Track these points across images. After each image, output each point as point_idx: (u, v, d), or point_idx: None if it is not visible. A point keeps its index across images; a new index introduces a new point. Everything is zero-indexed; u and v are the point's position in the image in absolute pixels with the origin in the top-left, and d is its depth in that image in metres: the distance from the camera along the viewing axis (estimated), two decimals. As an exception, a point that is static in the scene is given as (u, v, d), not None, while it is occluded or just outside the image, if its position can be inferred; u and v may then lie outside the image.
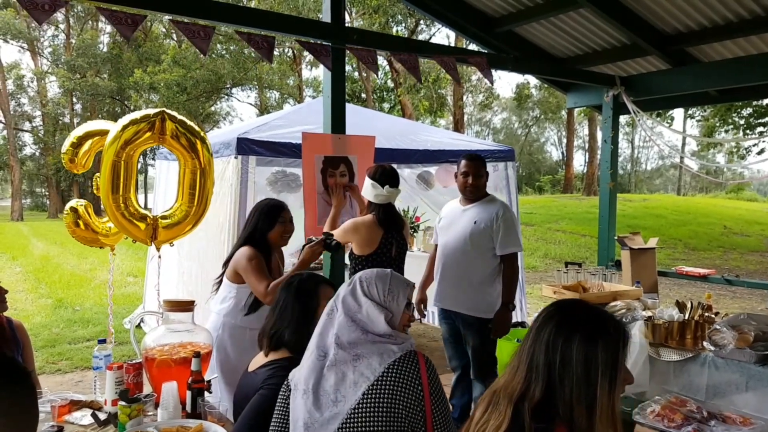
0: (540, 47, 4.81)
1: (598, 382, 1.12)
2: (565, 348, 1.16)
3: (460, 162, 3.13)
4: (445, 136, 5.63)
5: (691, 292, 8.61)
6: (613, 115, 4.75)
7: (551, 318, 1.21)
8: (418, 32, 19.67)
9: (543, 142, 43.48)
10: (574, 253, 12.93)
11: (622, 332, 1.20)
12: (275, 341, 1.92)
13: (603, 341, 1.15)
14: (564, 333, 1.17)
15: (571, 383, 1.13)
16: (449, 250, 3.14)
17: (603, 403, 1.12)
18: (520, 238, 3.26)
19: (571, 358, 1.14)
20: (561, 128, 37.04)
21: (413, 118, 19.52)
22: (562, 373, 1.15)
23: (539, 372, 1.17)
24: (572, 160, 29.33)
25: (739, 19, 3.84)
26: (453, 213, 3.23)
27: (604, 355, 1.14)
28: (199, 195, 3.14)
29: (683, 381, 2.80)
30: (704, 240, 13.96)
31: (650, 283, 4.15)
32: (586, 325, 1.18)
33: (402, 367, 1.50)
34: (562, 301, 1.28)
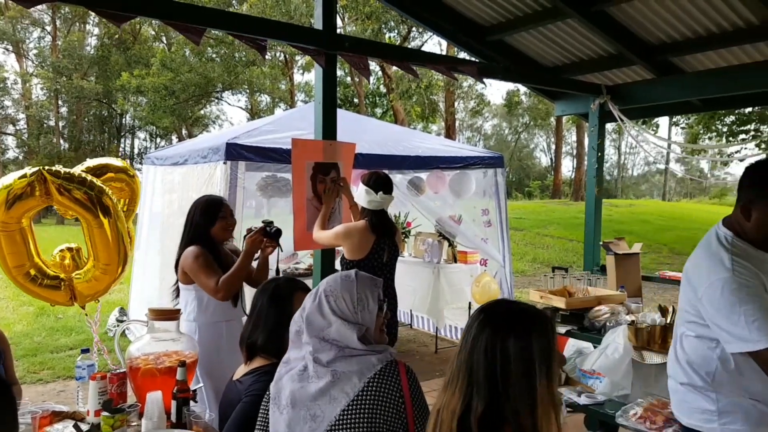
0: (529, 56, 4.89)
1: (537, 376, 1.15)
2: (503, 350, 1.17)
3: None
4: (437, 143, 5.70)
5: (675, 296, 8.74)
6: (599, 123, 4.83)
7: (485, 325, 1.22)
8: (411, 39, 19.79)
9: (532, 148, 43.84)
10: (561, 258, 13.07)
11: (549, 321, 1.24)
12: (254, 349, 1.92)
13: (535, 334, 1.19)
14: (500, 335, 1.18)
15: (514, 383, 1.15)
16: None
17: (543, 394, 1.15)
18: None
19: (509, 358, 1.16)
20: (550, 135, 37.38)
21: (405, 123, 19.61)
22: (504, 375, 1.16)
23: (480, 382, 1.17)
24: (560, 166, 29.63)
25: (721, 30, 3.94)
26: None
27: (538, 348, 1.17)
28: (114, 246, 3.06)
29: (665, 383, 2.86)
30: (689, 245, 14.14)
31: (634, 287, 4.22)
32: (517, 323, 1.21)
33: (382, 380, 1.48)
34: (487, 306, 1.28)
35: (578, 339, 3.46)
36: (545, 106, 29.74)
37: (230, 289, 2.52)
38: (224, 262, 2.61)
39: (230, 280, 2.50)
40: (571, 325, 3.46)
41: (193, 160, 4.42)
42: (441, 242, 5.56)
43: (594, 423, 2.97)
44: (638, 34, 4.22)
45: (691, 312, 1.86)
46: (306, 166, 3.18)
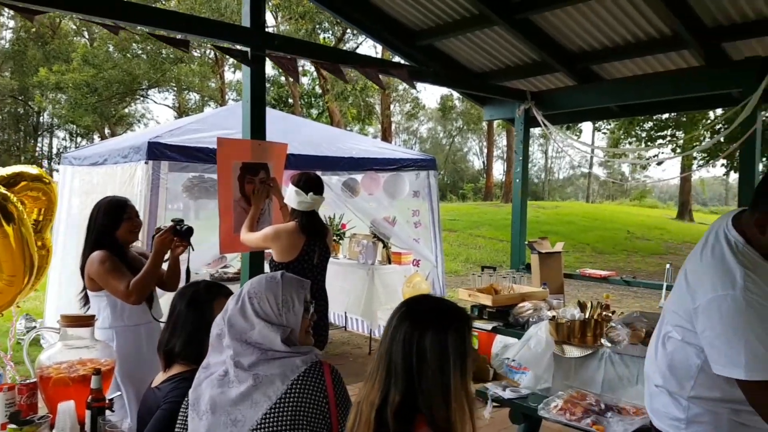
0: (458, 62, 5.01)
1: (451, 371, 1.20)
2: (420, 343, 1.21)
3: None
4: (370, 145, 5.74)
5: (597, 293, 9.21)
6: (525, 128, 5.01)
7: (405, 318, 1.26)
8: (346, 40, 19.80)
9: (466, 151, 44.90)
10: (492, 258, 13.46)
11: (467, 318, 1.29)
12: (172, 356, 1.86)
13: (452, 330, 1.23)
14: (418, 329, 1.23)
15: (428, 376, 1.19)
16: None
17: (457, 389, 1.19)
18: None
19: (425, 351, 1.20)
20: (482, 139, 38.42)
21: (341, 125, 19.57)
22: (419, 368, 1.20)
23: (398, 373, 1.21)
24: (492, 169, 30.51)
25: (636, 40, 4.18)
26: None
27: (454, 344, 1.22)
28: (19, 256, 2.91)
29: (583, 376, 3.01)
30: (610, 244, 14.95)
31: (557, 284, 4.41)
32: (436, 318, 1.25)
33: (306, 382, 1.47)
34: (411, 300, 1.33)
35: (504, 335, 3.58)
36: (477, 111, 30.55)
37: (142, 291, 2.44)
38: (132, 266, 2.51)
39: (141, 282, 2.41)
40: (498, 322, 3.57)
41: (113, 159, 4.22)
42: (375, 244, 5.59)
43: (518, 416, 3.07)
44: (560, 43, 4.42)
45: (683, 316, 1.71)
46: (233, 166, 3.10)
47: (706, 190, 35.22)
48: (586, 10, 3.89)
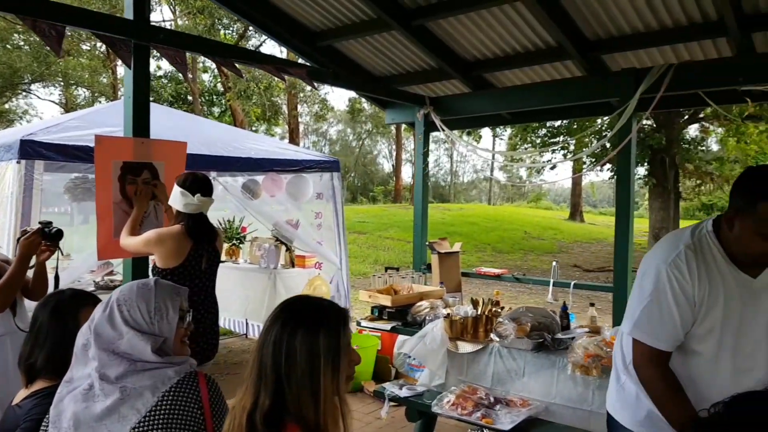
0: (360, 65, 5.04)
1: (321, 371, 1.18)
2: (289, 344, 1.19)
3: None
4: (272, 145, 5.62)
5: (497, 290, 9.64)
6: (425, 132, 5.13)
7: (277, 319, 1.24)
8: (248, 37, 19.27)
9: (376, 154, 45.38)
10: (400, 259, 13.70)
11: (343, 317, 1.27)
12: (33, 370, 1.72)
13: (324, 329, 1.22)
14: (288, 329, 1.21)
15: (297, 377, 1.18)
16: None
17: (327, 390, 1.18)
18: None
19: (295, 352, 1.18)
20: (391, 142, 39.03)
21: (245, 125, 19.03)
22: (288, 369, 1.18)
23: (267, 376, 1.19)
24: (401, 172, 31.11)
25: (525, 50, 4.41)
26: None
27: (326, 343, 1.20)
28: None
29: (475, 370, 3.13)
30: (509, 243, 15.72)
31: (455, 283, 4.56)
32: (308, 317, 1.23)
33: (179, 393, 1.41)
34: (286, 301, 1.31)
35: (402, 334, 3.63)
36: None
37: (5, 299, 2.24)
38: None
39: (3, 289, 2.20)
40: (397, 321, 3.62)
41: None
42: (278, 247, 5.48)
43: (414, 414, 3.13)
44: (455, 50, 4.57)
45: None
46: (112, 166, 2.90)
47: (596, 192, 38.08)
48: (478, 19, 4.05)
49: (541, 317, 3.08)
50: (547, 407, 2.82)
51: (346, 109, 32.28)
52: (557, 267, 4.30)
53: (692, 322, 1.66)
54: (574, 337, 2.94)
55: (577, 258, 14.28)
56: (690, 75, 3.67)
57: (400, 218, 19.71)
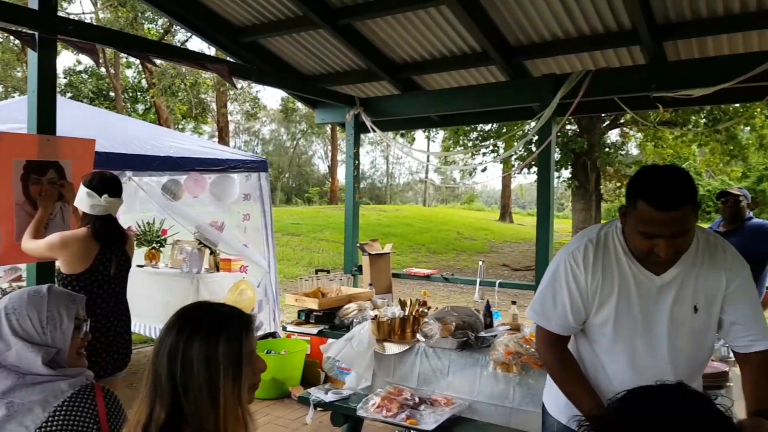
0: (287, 62, 4.94)
1: (221, 379, 1.13)
2: (185, 352, 1.14)
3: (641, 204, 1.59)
4: (194, 143, 5.39)
5: (428, 290, 9.76)
6: (355, 132, 5.11)
7: (172, 327, 1.18)
8: (174, 32, 18.54)
9: (311, 154, 44.93)
10: (335, 261, 13.60)
11: (245, 323, 1.22)
12: None
13: (224, 336, 1.16)
14: (184, 337, 1.15)
15: (195, 387, 1.12)
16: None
17: (228, 399, 1.13)
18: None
19: (192, 360, 1.13)
20: (327, 142, 38.78)
21: (170, 122, 18.30)
22: (185, 379, 1.12)
23: (163, 387, 1.13)
24: (336, 173, 30.93)
25: (452, 54, 4.47)
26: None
27: (225, 351, 1.15)
28: None
29: (402, 371, 3.12)
30: (442, 244, 15.99)
31: (385, 284, 4.56)
32: (206, 324, 1.18)
33: (73, 408, 1.33)
34: (182, 308, 1.25)
35: (329, 337, 3.58)
36: (321, 115, 30.74)
37: None
38: None
39: None
40: (324, 325, 3.56)
41: None
42: (201, 250, 5.28)
43: (339, 418, 3.08)
44: (384, 52, 4.57)
45: None
46: (14, 165, 2.68)
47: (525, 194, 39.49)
48: (405, 22, 4.07)
49: (465, 316, 3.12)
50: (470, 405, 2.85)
51: (279, 109, 31.74)
52: (484, 267, 4.39)
53: (585, 310, 1.74)
54: (496, 335, 3.00)
55: (506, 257, 14.73)
56: (606, 81, 3.84)
57: (335, 220, 19.59)
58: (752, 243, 3.43)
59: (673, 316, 1.66)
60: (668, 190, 1.51)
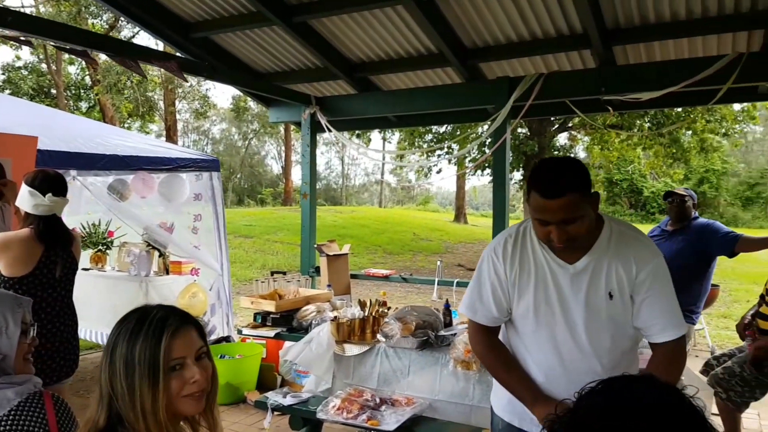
0: (239, 59, 4.83)
1: (136, 382, 1.11)
2: (112, 354, 1.14)
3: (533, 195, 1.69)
4: (142, 142, 5.19)
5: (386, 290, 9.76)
6: (311, 132, 5.04)
7: (112, 331, 1.18)
8: (120, 28, 17.85)
9: (264, 155, 44.22)
10: (290, 263, 13.41)
11: (168, 326, 1.17)
12: None
13: (141, 339, 1.14)
14: (113, 340, 1.15)
15: (119, 387, 1.11)
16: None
17: (144, 403, 1.10)
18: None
19: (116, 362, 1.12)
20: (280, 142, 38.28)
21: (115, 121, 17.62)
22: (112, 381, 1.12)
23: (103, 390, 1.13)
24: (291, 174, 30.54)
25: (408, 55, 4.47)
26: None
27: (141, 354, 1.12)
28: None
29: (362, 372, 3.09)
30: (399, 245, 16.04)
31: (344, 285, 4.51)
32: (130, 326, 1.16)
33: (20, 417, 1.26)
34: (129, 311, 1.23)
35: (287, 340, 3.51)
36: (275, 114, 30.26)
37: None
38: None
39: None
40: (281, 328, 3.49)
41: None
42: (150, 253, 5.09)
43: (298, 422, 3.03)
44: (340, 51, 4.53)
45: None
46: (-54, 162, 2.50)
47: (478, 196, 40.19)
48: (361, 20, 4.04)
49: (425, 315, 3.12)
50: (431, 404, 2.85)
51: (230, 107, 31.04)
52: (441, 266, 4.41)
53: (506, 301, 1.82)
54: (456, 333, 3.01)
55: (461, 257, 14.91)
56: (558, 84, 3.93)
57: (289, 221, 19.34)
58: (698, 242, 3.58)
59: (588, 304, 1.71)
60: (552, 178, 1.59)
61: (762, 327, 3.02)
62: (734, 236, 3.52)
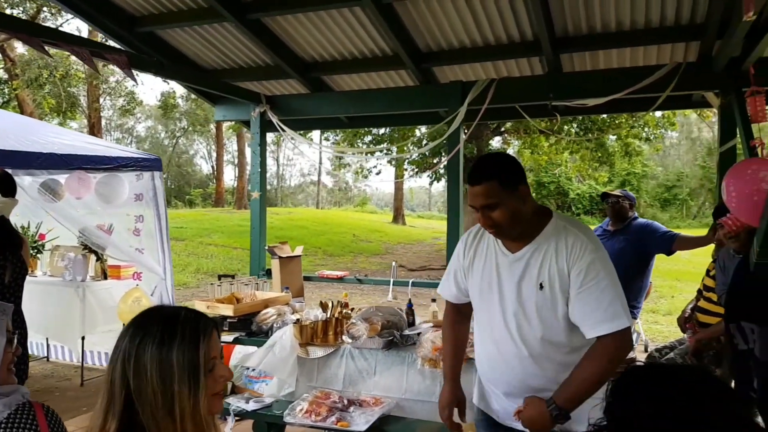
0: (186, 55, 4.66)
1: (176, 387, 1.07)
2: (138, 360, 1.07)
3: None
4: (79, 140, 4.89)
5: (329, 293, 9.71)
6: (261, 131, 4.94)
7: (125, 334, 1.11)
8: (42, 19, 16.69)
9: (192, 154, 42.73)
10: (227, 266, 13.05)
11: (204, 327, 1.15)
12: None
13: (177, 342, 1.10)
14: (137, 342, 1.09)
15: (149, 395, 1.06)
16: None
17: (185, 407, 1.07)
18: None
19: (145, 368, 1.06)
20: (210, 142, 37.14)
21: (35, 117, 16.46)
22: (139, 387, 1.06)
23: (116, 397, 1.06)
24: (222, 174, 29.73)
25: (363, 56, 4.47)
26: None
27: (180, 357, 1.08)
28: None
29: (326, 375, 3.06)
30: (338, 247, 16.00)
31: (297, 287, 4.45)
32: (158, 330, 1.11)
33: (13, 429, 1.20)
34: (140, 313, 1.18)
35: (247, 345, 3.42)
36: (204, 112, 29.35)
37: None
38: None
39: None
40: (239, 332, 3.40)
41: None
42: (87, 256, 4.80)
43: (262, 426, 2.96)
44: (293, 49, 4.46)
45: None
46: None
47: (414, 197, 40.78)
48: (317, 20, 4.00)
49: (389, 315, 3.13)
50: (398, 403, 2.87)
51: (157, 104, 29.73)
52: (396, 267, 4.45)
53: (464, 282, 2.03)
54: (420, 332, 3.04)
55: (401, 258, 15.06)
56: (509, 90, 4.06)
57: (223, 223, 18.83)
58: (638, 241, 3.80)
59: (520, 292, 1.82)
60: (475, 168, 1.78)
61: (701, 320, 3.25)
62: (672, 235, 3.76)
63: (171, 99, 27.02)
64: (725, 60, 3.30)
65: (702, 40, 3.43)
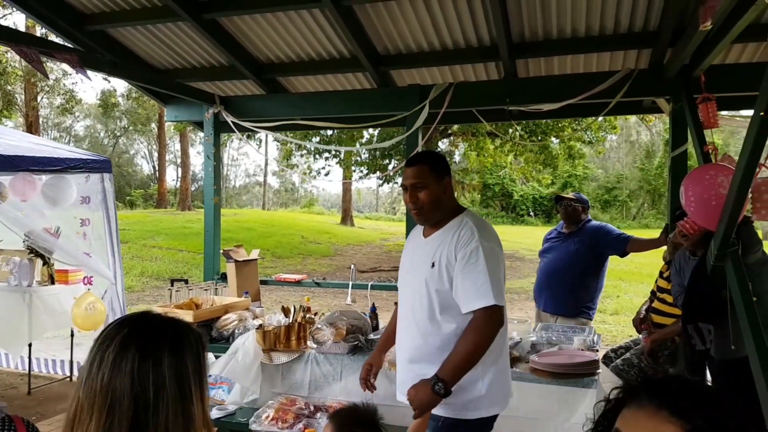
0: (137, 54, 4.50)
1: (192, 394, 1.07)
2: (156, 371, 1.04)
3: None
4: (23, 140, 4.64)
5: (280, 296, 9.58)
6: (215, 132, 4.83)
7: (129, 342, 1.06)
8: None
9: (133, 154, 41.15)
10: (173, 269, 12.66)
11: (199, 336, 1.17)
12: None
13: (188, 350, 1.09)
14: (151, 355, 1.05)
15: (167, 406, 1.03)
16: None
17: (198, 412, 1.08)
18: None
19: (164, 379, 1.04)
20: (152, 141, 35.88)
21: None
22: (156, 399, 1.03)
23: (122, 411, 1.01)
24: (165, 175, 28.76)
25: (320, 58, 4.44)
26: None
27: (192, 365, 1.09)
28: None
29: (291, 380, 3.03)
30: (287, 248, 15.81)
31: (254, 292, 4.38)
32: (169, 339, 1.09)
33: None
34: (130, 319, 1.13)
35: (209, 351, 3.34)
36: (146, 111, 28.35)
37: None
38: None
39: None
40: (199, 339, 3.31)
41: None
42: (33, 261, 4.56)
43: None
44: (249, 50, 4.39)
45: None
46: None
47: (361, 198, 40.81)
48: (275, 21, 3.95)
49: (353, 320, 3.13)
50: (364, 407, 2.87)
51: (97, 103, 28.46)
52: (355, 269, 4.45)
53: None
54: (385, 336, 3.06)
55: (351, 260, 15.04)
56: (466, 94, 4.14)
57: (166, 225, 18.24)
58: (592, 243, 3.93)
59: (419, 270, 2.12)
60: (413, 155, 2.25)
61: (656, 321, 3.38)
62: (625, 237, 3.91)
63: (112, 98, 25.96)
64: (677, 67, 3.44)
65: (654, 48, 3.58)
